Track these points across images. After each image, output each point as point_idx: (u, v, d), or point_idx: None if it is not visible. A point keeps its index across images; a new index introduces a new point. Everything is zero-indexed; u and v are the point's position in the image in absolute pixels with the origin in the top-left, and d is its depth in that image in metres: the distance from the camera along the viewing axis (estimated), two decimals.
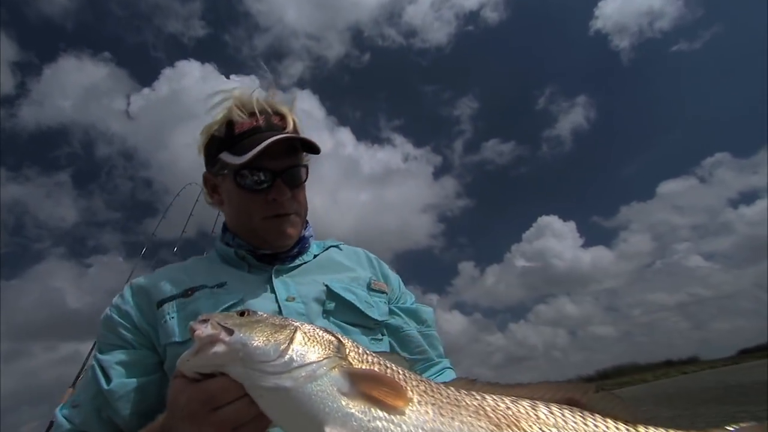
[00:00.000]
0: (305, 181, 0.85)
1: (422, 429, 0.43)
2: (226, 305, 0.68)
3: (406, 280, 0.99)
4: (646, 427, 0.48)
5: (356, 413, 0.42)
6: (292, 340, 0.46)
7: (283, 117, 0.82)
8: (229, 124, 0.80)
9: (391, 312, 0.85)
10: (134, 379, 0.66)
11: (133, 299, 0.73)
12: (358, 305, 0.77)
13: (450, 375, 0.85)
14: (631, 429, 0.48)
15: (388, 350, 0.79)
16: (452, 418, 0.45)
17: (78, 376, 2.18)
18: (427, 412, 0.44)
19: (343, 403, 0.42)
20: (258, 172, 0.76)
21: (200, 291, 0.71)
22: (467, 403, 0.47)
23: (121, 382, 0.65)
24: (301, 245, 0.86)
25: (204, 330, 0.45)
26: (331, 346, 0.48)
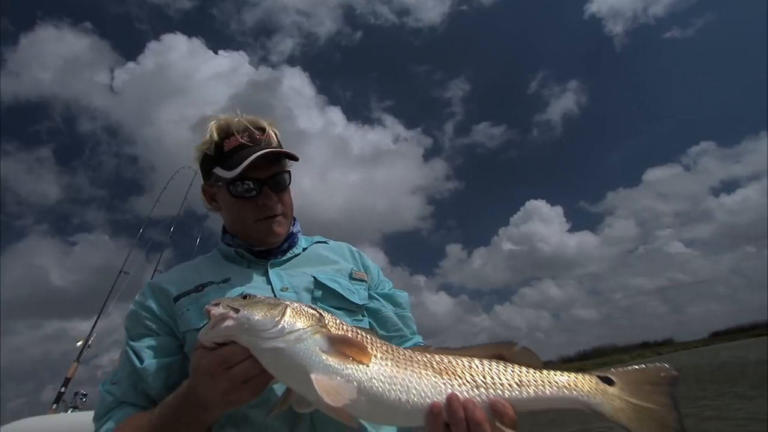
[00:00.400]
0: (289, 185, 0.97)
1: (382, 375, 0.59)
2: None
3: (395, 262, 1.19)
4: (553, 372, 0.64)
5: (333, 364, 0.58)
6: (283, 314, 0.61)
7: (264, 131, 0.94)
8: (218, 143, 0.92)
9: (371, 297, 0.98)
10: (162, 359, 0.82)
11: (153, 296, 0.88)
12: (341, 292, 0.90)
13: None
14: (538, 374, 0.64)
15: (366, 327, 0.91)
16: (405, 369, 0.61)
17: (81, 352, 2.38)
18: (386, 365, 0.61)
19: (323, 357, 0.58)
20: (247, 182, 0.89)
21: (209, 287, 0.86)
22: (418, 359, 0.63)
23: (152, 362, 0.81)
24: (290, 240, 1.00)
25: (217, 310, 0.61)
26: (314, 318, 0.63)
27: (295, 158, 0.96)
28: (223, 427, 0.75)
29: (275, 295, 0.86)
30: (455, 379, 0.61)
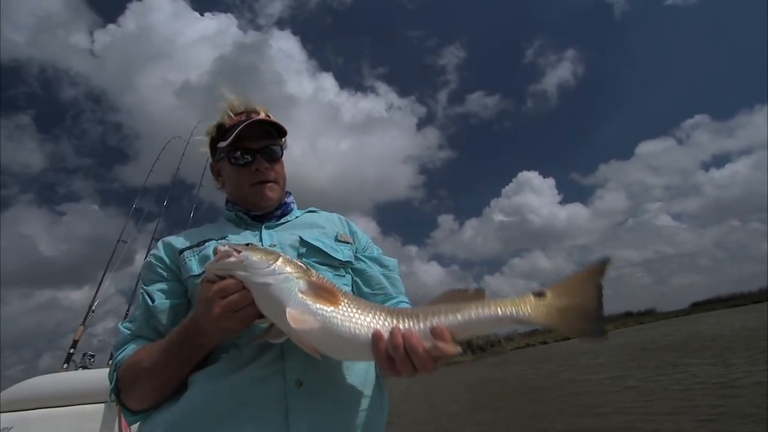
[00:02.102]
0: (281, 157, 1.10)
1: (343, 313, 0.70)
2: None
3: (386, 231, 1.30)
4: (489, 299, 0.71)
5: (306, 302, 0.69)
6: (277, 259, 0.72)
7: (258, 112, 1.09)
8: (220, 125, 1.09)
9: (358, 259, 1.08)
10: (170, 300, 0.93)
11: (164, 250, 1.01)
12: (324, 249, 1.01)
13: (405, 306, 1.05)
14: (475, 301, 0.70)
15: (349, 284, 1.02)
16: (364, 310, 0.71)
17: (87, 316, 2.51)
18: (350, 307, 0.71)
19: (301, 296, 0.69)
20: (243, 150, 1.04)
21: (209, 242, 0.99)
22: (380, 307, 0.74)
23: (162, 301, 0.93)
24: (284, 209, 1.11)
25: (223, 248, 0.73)
26: (301, 268, 0.74)
27: (283, 132, 1.08)
28: (216, 352, 0.86)
29: None
30: (404, 319, 0.71)
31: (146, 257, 1.10)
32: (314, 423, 0.78)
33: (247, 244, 0.75)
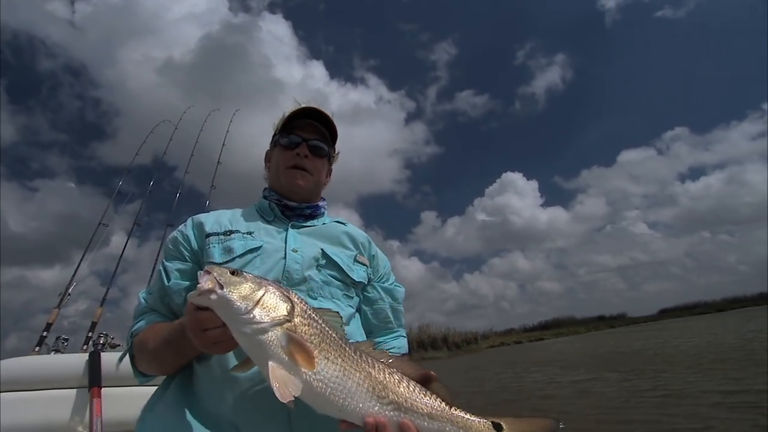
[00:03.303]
0: (326, 158, 1.16)
1: (326, 378, 0.66)
2: (250, 248, 0.97)
3: (369, 224, 1.33)
4: (458, 411, 0.74)
5: (288, 359, 0.64)
6: (257, 303, 0.65)
7: (320, 112, 1.14)
8: (284, 119, 1.14)
9: (371, 285, 1.10)
10: (185, 282, 0.94)
11: (192, 229, 1.02)
12: (341, 266, 1.02)
13: (402, 341, 1.13)
14: (447, 410, 0.73)
15: (355, 307, 1.04)
16: (348, 377, 0.68)
17: (62, 299, 2.45)
18: (333, 369, 0.68)
19: (280, 351, 0.64)
20: (293, 135, 1.10)
21: (235, 234, 0.99)
22: (361, 369, 0.70)
23: (177, 282, 0.94)
24: (314, 210, 1.14)
25: (204, 283, 0.64)
26: (286, 309, 0.67)
27: (334, 135, 1.17)
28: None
29: (285, 253, 0.99)
30: (384, 395, 0.71)
31: (162, 234, 1.15)
32: None
33: (233, 272, 0.68)
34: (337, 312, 0.79)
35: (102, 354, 2.02)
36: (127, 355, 0.96)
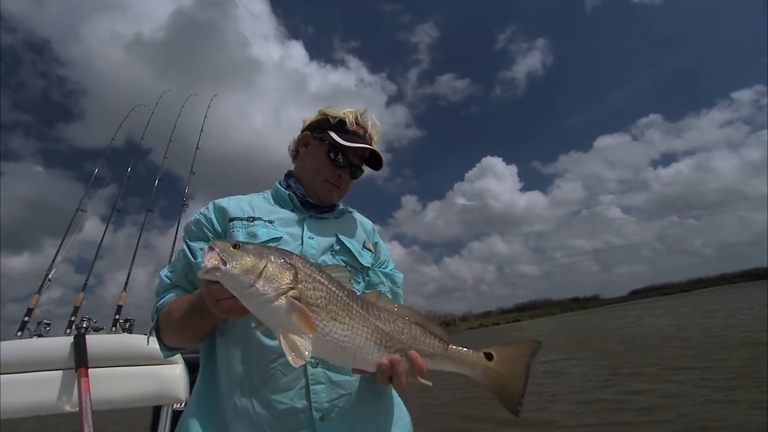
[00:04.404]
0: (358, 178, 1.22)
1: (334, 337, 0.72)
2: (272, 237, 1.02)
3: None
4: (455, 347, 0.83)
5: (294, 322, 0.67)
6: (259, 275, 0.67)
7: (374, 139, 1.21)
8: (342, 120, 1.17)
9: (373, 270, 1.16)
10: None
11: (214, 212, 1.08)
12: (353, 251, 1.10)
13: None
14: (444, 348, 0.82)
15: (361, 291, 1.09)
16: (355, 334, 0.74)
17: (43, 284, 2.46)
18: (340, 329, 0.72)
19: (287, 317, 0.67)
20: (345, 156, 1.15)
21: (258, 221, 1.05)
22: (366, 322, 0.75)
23: (202, 259, 0.97)
24: (331, 207, 1.22)
25: (208, 261, 0.67)
26: (287, 278, 0.70)
27: (377, 168, 1.22)
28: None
29: (302, 240, 1.06)
30: (391, 345, 0.78)
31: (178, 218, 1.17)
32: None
33: (235, 245, 0.71)
34: (345, 266, 0.81)
35: (87, 336, 2.07)
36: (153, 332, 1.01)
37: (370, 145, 1.18)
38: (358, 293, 1.01)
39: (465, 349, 0.85)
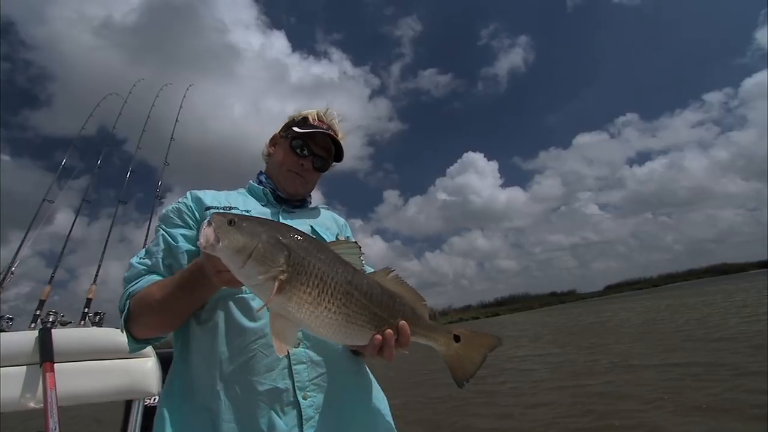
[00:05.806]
0: (323, 171, 1.28)
1: (325, 320, 0.71)
2: None
3: (330, 202, 1.43)
4: (433, 325, 0.87)
5: (283, 302, 0.68)
6: (250, 256, 0.66)
7: (337, 133, 1.26)
8: (305, 117, 1.26)
9: None
10: (191, 247, 1.01)
11: (193, 202, 1.10)
12: (327, 240, 1.14)
13: None
14: (425, 324, 0.85)
15: None
16: (347, 319, 0.73)
17: (4, 278, 2.35)
18: (331, 312, 0.71)
19: (275, 297, 0.66)
20: (306, 145, 1.22)
21: (234, 210, 1.08)
22: (356, 302, 0.74)
23: (184, 244, 1.01)
24: (303, 201, 1.29)
25: (203, 239, 0.67)
26: (279, 260, 0.68)
27: (339, 157, 1.28)
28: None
29: None
30: (382, 325, 0.78)
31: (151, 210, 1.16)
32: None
33: (230, 221, 0.69)
34: (355, 242, 0.80)
35: (53, 331, 2.00)
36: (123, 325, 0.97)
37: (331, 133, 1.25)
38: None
39: (439, 327, 0.90)
